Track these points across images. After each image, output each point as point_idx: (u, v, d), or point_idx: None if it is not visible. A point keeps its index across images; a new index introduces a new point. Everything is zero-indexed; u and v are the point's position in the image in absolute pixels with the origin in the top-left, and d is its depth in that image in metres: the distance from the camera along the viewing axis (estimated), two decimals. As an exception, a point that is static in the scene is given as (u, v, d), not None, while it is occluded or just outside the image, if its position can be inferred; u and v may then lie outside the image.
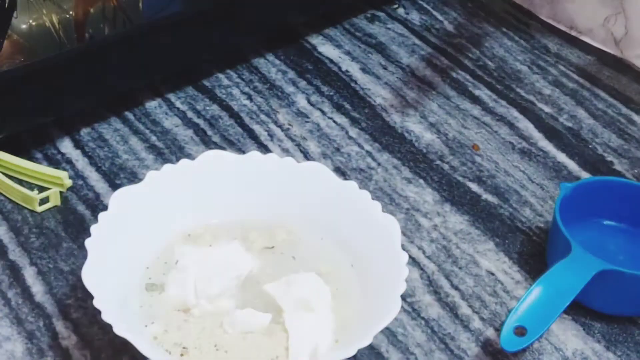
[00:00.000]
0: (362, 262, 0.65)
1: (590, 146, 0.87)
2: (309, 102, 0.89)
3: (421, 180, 0.81)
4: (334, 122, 0.87)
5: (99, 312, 0.55)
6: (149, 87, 0.87)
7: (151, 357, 0.54)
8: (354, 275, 0.65)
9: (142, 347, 0.54)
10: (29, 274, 0.67)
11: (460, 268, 0.72)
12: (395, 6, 1.06)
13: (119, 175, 0.77)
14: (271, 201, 0.69)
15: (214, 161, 0.69)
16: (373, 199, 0.67)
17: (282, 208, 0.69)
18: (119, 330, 0.54)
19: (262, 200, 0.69)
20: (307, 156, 0.81)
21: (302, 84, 0.91)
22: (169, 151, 0.81)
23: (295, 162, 0.69)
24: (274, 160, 0.69)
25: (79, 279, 0.59)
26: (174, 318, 0.61)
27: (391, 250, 0.63)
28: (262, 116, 0.86)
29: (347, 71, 0.94)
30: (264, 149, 0.81)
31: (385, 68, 0.95)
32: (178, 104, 0.87)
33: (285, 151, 0.82)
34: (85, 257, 0.59)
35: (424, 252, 0.73)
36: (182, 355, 0.58)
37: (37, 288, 0.66)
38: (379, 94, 0.91)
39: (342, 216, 0.67)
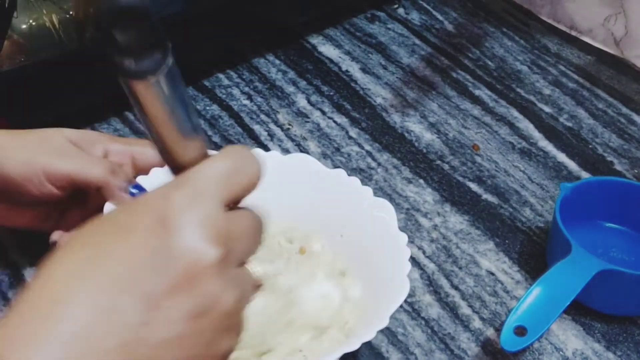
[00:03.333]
0: (360, 248, 0.64)
1: (590, 146, 0.87)
2: (309, 102, 0.89)
3: (421, 180, 0.81)
4: (334, 122, 0.87)
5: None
6: (149, 87, 0.87)
7: None
8: (354, 263, 0.64)
9: None
10: (30, 275, 0.67)
11: (460, 268, 0.72)
12: (395, 6, 1.06)
13: (119, 175, 0.77)
14: (263, 195, 0.68)
15: None
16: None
17: (274, 201, 0.68)
18: None
19: (254, 195, 0.68)
20: (307, 156, 0.81)
21: (302, 84, 0.91)
22: (169, 151, 0.80)
23: (280, 155, 0.69)
24: (259, 155, 0.69)
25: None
26: None
27: (388, 232, 0.62)
28: (262, 116, 0.86)
29: (347, 71, 0.94)
30: (264, 149, 0.81)
31: (385, 68, 0.95)
32: (178, 104, 0.87)
33: (286, 151, 0.82)
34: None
35: (424, 252, 0.73)
36: None
37: (37, 288, 0.66)
38: (379, 94, 0.91)
39: (334, 204, 0.66)
